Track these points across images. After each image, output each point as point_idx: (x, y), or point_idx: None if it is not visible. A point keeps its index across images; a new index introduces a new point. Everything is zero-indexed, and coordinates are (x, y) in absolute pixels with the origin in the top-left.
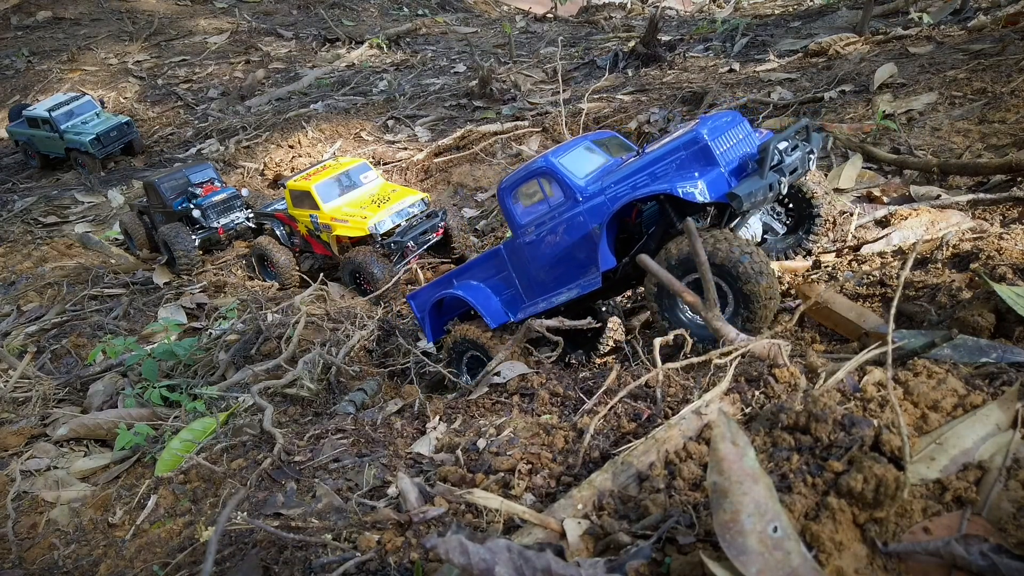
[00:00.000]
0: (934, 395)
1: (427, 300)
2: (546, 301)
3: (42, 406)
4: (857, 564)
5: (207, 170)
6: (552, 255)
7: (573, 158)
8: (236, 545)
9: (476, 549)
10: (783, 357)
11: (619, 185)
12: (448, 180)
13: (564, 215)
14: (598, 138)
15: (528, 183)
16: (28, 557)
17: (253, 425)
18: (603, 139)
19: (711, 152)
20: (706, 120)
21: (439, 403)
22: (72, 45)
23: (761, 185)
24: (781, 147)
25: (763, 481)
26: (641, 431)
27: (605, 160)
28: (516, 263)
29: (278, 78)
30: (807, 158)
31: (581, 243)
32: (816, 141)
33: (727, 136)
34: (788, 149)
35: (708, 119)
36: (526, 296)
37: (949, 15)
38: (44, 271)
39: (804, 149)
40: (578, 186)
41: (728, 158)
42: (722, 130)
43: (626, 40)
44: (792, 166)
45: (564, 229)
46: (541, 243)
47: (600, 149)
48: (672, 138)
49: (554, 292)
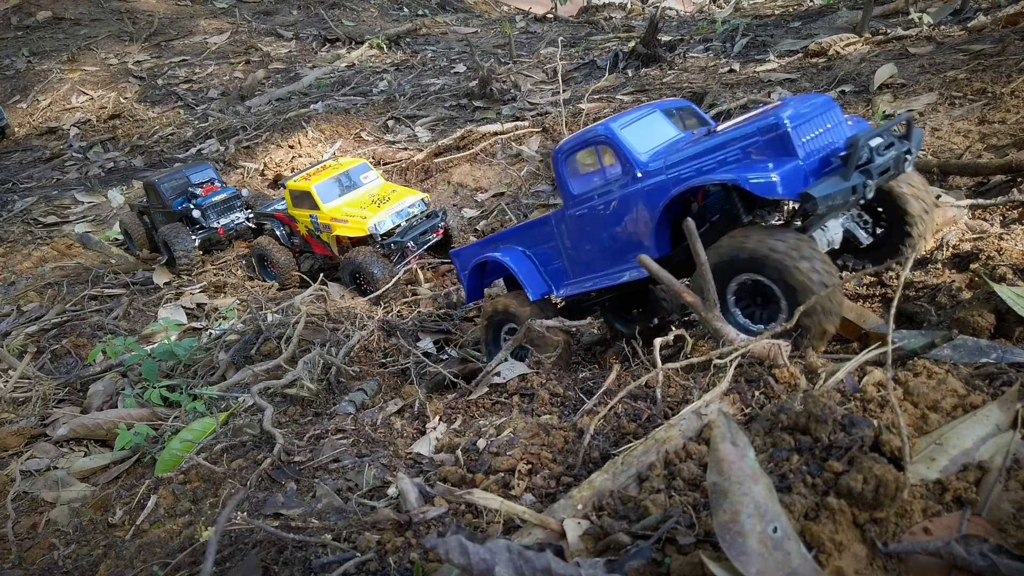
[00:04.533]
0: (934, 395)
1: (470, 260)
2: (593, 282)
3: (42, 406)
4: (857, 564)
5: (207, 170)
6: (604, 233)
7: (638, 129)
8: (236, 545)
9: (476, 549)
10: (783, 357)
11: (683, 166)
12: (448, 180)
13: (621, 191)
14: (670, 107)
15: (585, 150)
16: (28, 557)
17: (253, 425)
18: (676, 109)
19: (791, 141)
20: (791, 103)
21: (439, 403)
22: (72, 45)
23: (843, 187)
24: (873, 143)
25: (763, 481)
26: (641, 431)
27: (675, 133)
28: (564, 235)
29: (278, 78)
30: (903, 159)
31: (636, 224)
32: (917, 138)
33: (812, 124)
34: (881, 147)
35: (794, 101)
36: (572, 272)
37: (949, 15)
38: (44, 271)
39: (900, 148)
40: (639, 161)
41: (809, 149)
42: (807, 117)
43: (626, 40)
44: (883, 167)
45: (619, 206)
46: (593, 218)
47: (671, 120)
48: (750, 118)
49: (603, 273)
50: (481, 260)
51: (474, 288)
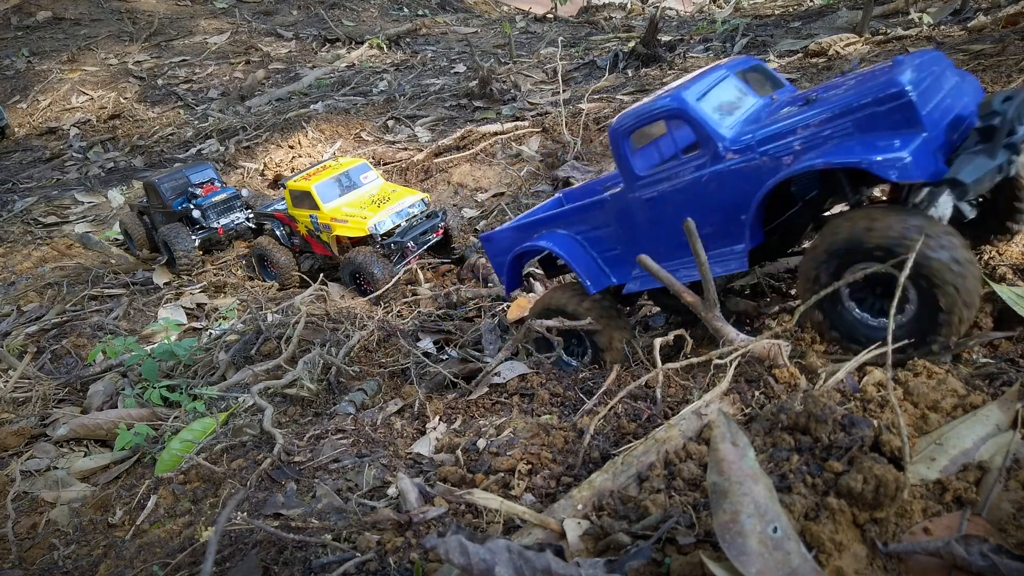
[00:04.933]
0: (934, 395)
1: (506, 246)
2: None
3: (42, 406)
4: (857, 564)
5: (207, 170)
6: (675, 220)
7: (714, 97)
8: (236, 545)
9: (476, 549)
10: (783, 357)
11: (780, 143)
12: (448, 180)
13: (699, 171)
14: (742, 68)
15: (653, 125)
16: (28, 557)
17: (253, 425)
18: (747, 70)
19: (915, 112)
20: (905, 63)
21: (439, 403)
22: (72, 45)
23: (990, 167)
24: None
25: (763, 481)
26: (641, 431)
27: (754, 101)
28: (625, 220)
29: (278, 78)
30: None
31: (718, 210)
32: None
33: (933, 88)
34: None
35: (908, 61)
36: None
37: (949, 15)
38: (44, 271)
39: None
40: (722, 136)
41: (933, 119)
42: (927, 81)
43: (626, 40)
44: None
45: (696, 189)
46: (662, 202)
47: (748, 85)
48: (857, 82)
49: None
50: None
51: (515, 277)
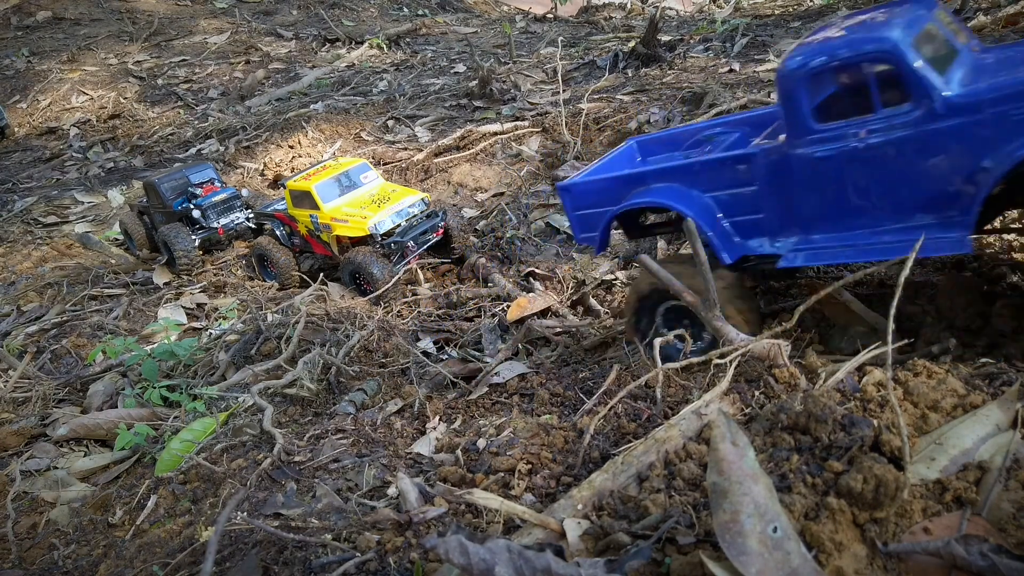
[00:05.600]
0: (934, 395)
1: (603, 200)
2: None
3: (42, 406)
4: (857, 564)
5: (207, 170)
6: (865, 184)
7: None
8: (236, 545)
9: (476, 549)
10: (783, 357)
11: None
12: (448, 180)
13: (906, 129)
14: (932, 8)
15: (846, 71)
16: (28, 557)
17: (253, 425)
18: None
19: None
20: None
21: (439, 403)
22: (72, 45)
23: None
24: None
25: (763, 481)
26: (641, 431)
27: (958, 49)
28: (778, 180)
29: (278, 78)
30: None
31: (930, 176)
32: None
33: None
34: None
35: None
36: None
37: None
38: (44, 271)
39: None
40: (939, 91)
41: None
42: None
43: (626, 40)
44: None
45: (898, 152)
46: (841, 163)
47: (945, 28)
48: None
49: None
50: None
51: (608, 236)
